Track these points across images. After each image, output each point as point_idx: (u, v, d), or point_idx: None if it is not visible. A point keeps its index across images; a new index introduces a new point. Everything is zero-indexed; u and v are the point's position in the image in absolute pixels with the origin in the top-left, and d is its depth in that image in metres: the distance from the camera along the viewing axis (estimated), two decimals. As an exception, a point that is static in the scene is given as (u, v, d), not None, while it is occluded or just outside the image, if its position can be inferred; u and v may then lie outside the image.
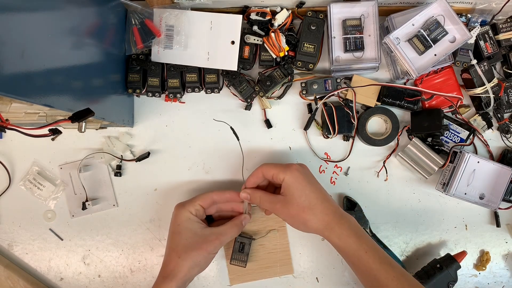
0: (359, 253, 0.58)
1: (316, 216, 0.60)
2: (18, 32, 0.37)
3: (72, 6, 0.50)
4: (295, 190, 0.61)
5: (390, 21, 0.67)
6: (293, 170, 0.62)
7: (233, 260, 0.69)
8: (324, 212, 0.60)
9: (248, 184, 0.66)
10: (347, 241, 0.59)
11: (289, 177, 0.61)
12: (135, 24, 0.65)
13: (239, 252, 0.69)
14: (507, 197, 0.69)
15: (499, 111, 0.71)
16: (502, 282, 0.73)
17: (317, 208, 0.60)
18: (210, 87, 0.70)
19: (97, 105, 0.57)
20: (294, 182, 0.61)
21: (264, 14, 0.67)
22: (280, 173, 0.62)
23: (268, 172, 0.64)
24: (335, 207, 0.61)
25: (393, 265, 0.58)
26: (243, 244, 0.69)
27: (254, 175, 0.65)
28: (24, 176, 0.72)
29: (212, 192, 0.66)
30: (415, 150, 0.69)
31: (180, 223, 0.63)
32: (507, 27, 0.68)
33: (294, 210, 0.61)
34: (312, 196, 0.61)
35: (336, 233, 0.59)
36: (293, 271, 0.72)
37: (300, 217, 0.61)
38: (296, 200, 0.61)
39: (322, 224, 0.60)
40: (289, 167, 0.62)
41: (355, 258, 0.59)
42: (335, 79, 0.69)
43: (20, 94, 0.37)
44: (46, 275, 0.72)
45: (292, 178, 0.61)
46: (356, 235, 0.59)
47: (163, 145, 0.72)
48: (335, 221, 0.60)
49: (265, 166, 0.64)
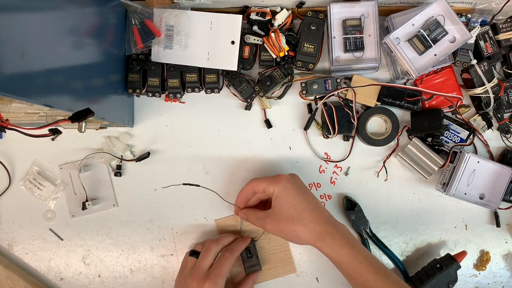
0: (353, 264, 0.57)
1: (306, 227, 0.59)
2: (18, 32, 0.37)
3: (72, 6, 0.50)
4: (284, 201, 0.60)
5: (390, 21, 0.67)
6: (282, 181, 0.61)
7: (247, 269, 0.69)
8: (315, 222, 0.59)
9: (238, 202, 0.66)
10: (340, 252, 0.58)
11: (278, 189, 0.61)
12: (135, 24, 0.65)
13: (249, 258, 0.69)
14: (507, 197, 0.69)
15: (499, 111, 0.71)
16: (502, 282, 0.73)
17: (306, 218, 0.59)
18: (210, 87, 0.70)
19: (97, 105, 0.57)
20: (282, 193, 0.60)
21: (264, 14, 0.67)
22: (270, 186, 0.61)
23: (258, 186, 0.63)
24: (326, 216, 0.61)
25: (388, 274, 0.57)
26: (249, 249, 0.69)
27: (245, 191, 0.65)
28: (24, 176, 0.72)
29: (232, 255, 0.64)
30: (415, 150, 0.69)
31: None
32: (507, 27, 0.68)
33: (283, 222, 0.60)
34: (300, 206, 0.60)
35: (328, 244, 0.58)
36: (296, 270, 0.72)
37: (290, 229, 0.60)
38: (285, 211, 0.60)
39: (314, 235, 0.59)
40: (277, 179, 0.62)
41: (349, 269, 0.58)
42: (335, 79, 0.69)
43: (20, 94, 0.37)
44: (46, 275, 0.72)
45: (281, 189, 0.61)
46: (350, 245, 0.58)
47: (163, 145, 0.72)
48: (327, 231, 0.59)
49: (254, 181, 0.64)
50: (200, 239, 0.72)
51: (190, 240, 0.72)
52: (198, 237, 0.72)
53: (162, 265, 0.72)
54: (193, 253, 0.65)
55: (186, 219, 0.72)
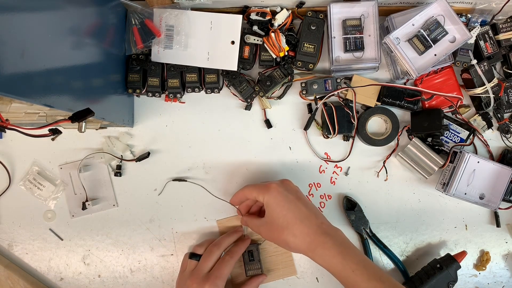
0: (346, 273, 0.56)
1: (296, 237, 0.58)
2: (18, 32, 0.37)
3: (72, 6, 0.50)
4: (273, 212, 0.60)
5: (390, 21, 0.67)
6: (271, 191, 0.61)
7: (248, 272, 0.69)
8: (305, 232, 0.58)
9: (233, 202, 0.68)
10: (331, 262, 0.57)
11: (268, 198, 0.60)
12: (135, 24, 0.65)
13: (250, 262, 0.69)
14: (507, 197, 0.69)
15: (499, 111, 0.71)
16: (502, 282, 0.73)
17: (296, 228, 0.58)
18: (210, 87, 0.70)
19: (97, 105, 0.57)
20: (272, 203, 0.60)
21: (264, 14, 0.67)
22: (260, 195, 0.61)
23: (250, 194, 0.64)
24: (317, 225, 0.59)
25: (383, 279, 0.56)
26: (251, 252, 0.69)
27: (238, 196, 0.66)
28: (24, 176, 0.72)
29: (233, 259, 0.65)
30: (415, 150, 0.69)
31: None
32: (507, 27, 0.68)
33: (275, 231, 0.60)
34: (289, 216, 0.59)
35: (319, 255, 0.57)
36: (297, 272, 0.72)
37: (281, 239, 0.59)
38: (275, 221, 0.60)
39: (304, 245, 0.58)
40: (267, 188, 0.61)
41: (342, 278, 0.57)
42: (335, 79, 0.69)
43: (20, 94, 0.37)
44: (46, 275, 0.72)
45: (271, 199, 0.60)
46: (341, 254, 0.57)
47: (163, 145, 0.72)
48: (316, 241, 0.57)
49: (247, 188, 0.65)
50: (200, 239, 0.72)
51: (190, 240, 0.72)
52: (198, 237, 0.72)
53: (162, 265, 0.72)
54: (193, 255, 0.65)
55: (186, 219, 0.72)
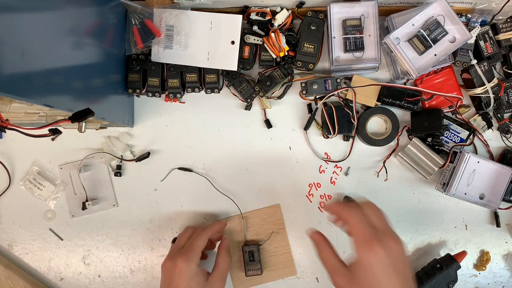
0: None
1: None
2: (18, 32, 0.37)
3: (72, 6, 0.50)
4: (368, 277, 0.47)
5: (390, 21, 0.67)
6: (378, 252, 0.46)
7: (248, 272, 0.69)
8: None
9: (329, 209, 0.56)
10: None
11: (368, 256, 0.47)
12: (135, 24, 0.65)
13: (251, 262, 0.69)
14: (507, 197, 0.69)
15: (499, 111, 0.71)
16: (502, 282, 0.73)
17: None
18: (210, 87, 0.70)
19: (97, 105, 0.57)
20: (372, 265, 0.46)
21: (264, 14, 0.67)
22: (360, 248, 0.48)
23: (349, 219, 0.51)
24: None
25: None
26: (252, 252, 0.69)
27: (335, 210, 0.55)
28: (24, 176, 0.72)
29: (204, 231, 0.64)
30: (415, 150, 0.69)
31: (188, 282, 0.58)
32: (507, 27, 0.68)
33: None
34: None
35: None
36: (297, 272, 0.72)
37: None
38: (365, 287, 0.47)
39: None
40: (372, 246, 0.47)
41: None
42: (335, 79, 0.69)
43: (20, 94, 0.37)
44: (46, 275, 0.72)
45: (373, 259, 0.47)
46: None
47: (163, 145, 0.72)
48: None
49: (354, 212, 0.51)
50: (200, 239, 0.73)
51: (190, 240, 0.72)
52: (198, 237, 0.73)
53: (162, 265, 0.72)
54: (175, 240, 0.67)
55: (186, 219, 0.72)
